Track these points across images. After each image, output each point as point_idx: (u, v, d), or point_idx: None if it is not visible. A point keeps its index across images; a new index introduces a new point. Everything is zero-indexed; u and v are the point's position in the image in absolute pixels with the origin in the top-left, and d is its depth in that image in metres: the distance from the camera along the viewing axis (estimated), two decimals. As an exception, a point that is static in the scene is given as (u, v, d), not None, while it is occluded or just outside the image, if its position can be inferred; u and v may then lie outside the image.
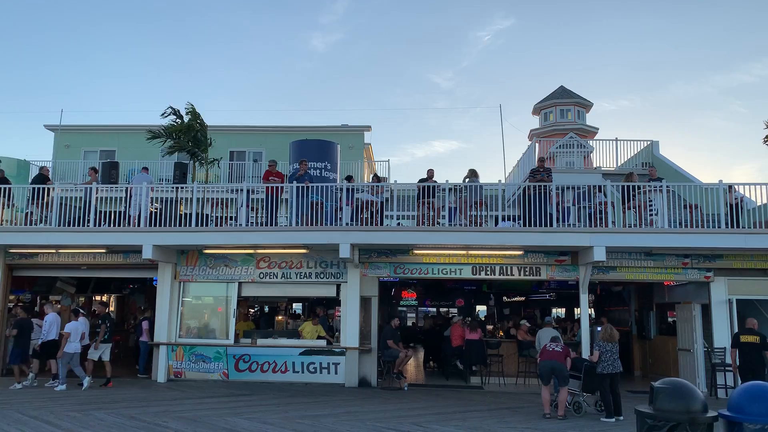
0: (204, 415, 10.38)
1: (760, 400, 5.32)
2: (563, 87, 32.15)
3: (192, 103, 17.92)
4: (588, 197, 14.39)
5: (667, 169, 20.69)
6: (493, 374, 15.44)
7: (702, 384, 14.27)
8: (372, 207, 14.69)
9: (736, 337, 12.28)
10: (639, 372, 18.26)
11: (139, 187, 15.05)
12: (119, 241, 14.64)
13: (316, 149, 17.32)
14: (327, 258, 15.16)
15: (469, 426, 9.94)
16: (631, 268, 14.68)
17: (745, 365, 11.85)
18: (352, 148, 24.87)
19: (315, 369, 14.83)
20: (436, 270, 15.06)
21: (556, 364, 10.85)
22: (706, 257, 14.41)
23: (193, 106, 17.94)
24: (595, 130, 30.65)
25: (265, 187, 15.06)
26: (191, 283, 15.69)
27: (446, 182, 14.62)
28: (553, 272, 14.87)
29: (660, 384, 5.88)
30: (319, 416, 10.52)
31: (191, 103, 17.90)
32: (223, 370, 14.96)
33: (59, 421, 9.79)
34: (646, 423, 5.74)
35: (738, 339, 12.18)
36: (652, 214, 14.16)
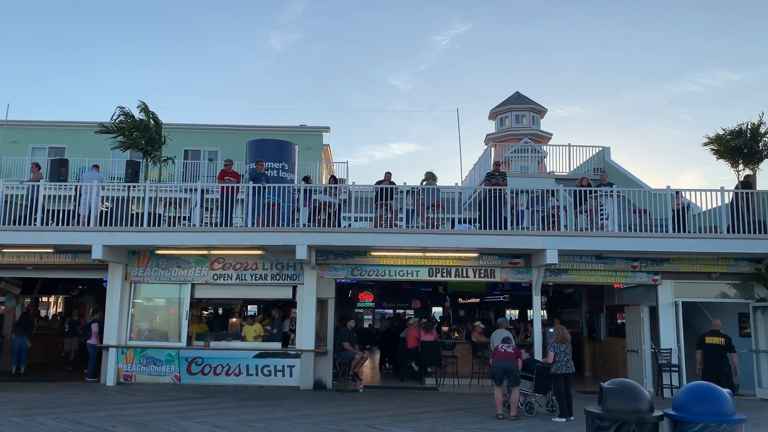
0: (154, 420, 10.16)
1: (704, 400, 5.51)
2: (519, 93, 32.65)
3: (144, 102, 17.52)
4: (541, 201, 14.66)
5: (617, 175, 21.24)
6: (448, 375, 15.57)
7: (649, 384, 14.69)
8: (330, 208, 14.64)
9: (702, 339, 12.17)
10: (589, 373, 18.69)
11: (90, 185, 14.64)
12: (68, 240, 14.22)
13: (273, 149, 17.16)
14: (283, 259, 15.04)
15: (423, 427, 10.00)
16: (583, 270, 15.02)
17: (709, 367, 11.78)
18: (310, 148, 24.73)
19: (270, 372, 14.69)
20: (393, 272, 15.11)
21: (507, 365, 11.01)
22: (654, 261, 14.85)
23: (145, 104, 17.54)
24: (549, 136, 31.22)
25: (220, 187, 14.85)
26: (143, 285, 15.35)
27: (404, 185, 14.69)
28: (507, 274, 15.09)
29: (609, 384, 6.03)
30: (272, 419, 10.42)
31: (143, 102, 17.50)
32: (175, 373, 14.68)
33: (3, 427, 9.43)
34: (595, 423, 5.87)
35: (703, 340, 12.09)
36: (603, 219, 14.51)
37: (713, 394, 5.56)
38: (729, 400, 5.56)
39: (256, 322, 16.11)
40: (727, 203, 14.19)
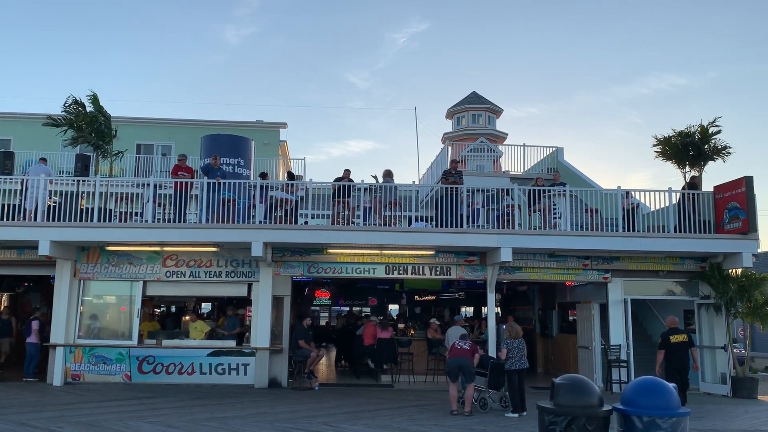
0: (103, 420, 9.90)
1: (650, 394, 5.68)
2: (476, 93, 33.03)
3: (95, 92, 17.00)
4: (496, 200, 14.86)
5: (570, 175, 21.68)
6: (404, 372, 15.65)
7: (599, 379, 15.07)
8: (286, 205, 14.52)
9: (666, 338, 12.06)
10: (542, 369, 19.05)
11: (37, 179, 14.17)
12: (12, 236, 13.73)
13: (229, 144, 16.89)
14: (238, 257, 14.85)
15: (379, 424, 10.03)
16: (536, 268, 15.29)
17: (674, 365, 11.78)
18: (267, 144, 24.50)
19: (224, 370, 14.49)
20: (349, 269, 15.09)
21: (463, 361, 11.13)
22: (605, 259, 15.23)
23: (95, 94, 17.02)
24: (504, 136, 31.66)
25: (173, 182, 14.57)
26: (92, 282, 14.94)
27: (362, 182, 14.68)
28: (462, 272, 15.25)
29: (560, 380, 6.16)
30: (226, 418, 10.29)
31: (94, 92, 16.96)
32: (126, 372, 14.35)
33: (-61, 430, 9.05)
34: (547, 418, 5.99)
35: (668, 340, 11.99)
36: (556, 218, 14.81)
37: (660, 389, 5.74)
38: (675, 394, 5.75)
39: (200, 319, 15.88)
40: (674, 203, 14.66)
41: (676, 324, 12.33)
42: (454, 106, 32.77)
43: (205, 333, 15.11)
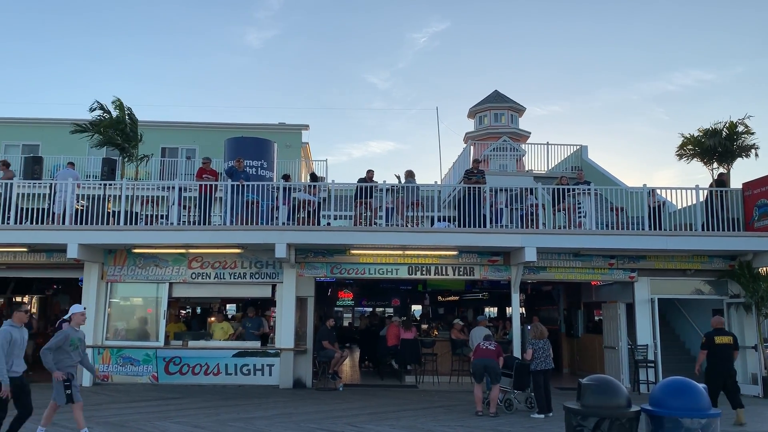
0: (131, 420, 10.04)
1: (680, 395, 5.59)
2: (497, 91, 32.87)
3: (119, 98, 17.32)
4: (520, 199, 14.76)
5: (594, 173, 21.46)
6: (428, 373, 15.61)
7: (626, 380, 14.88)
8: (309, 206, 14.59)
9: (711, 339, 10.97)
10: (567, 369, 18.87)
11: (65, 183, 14.42)
12: (42, 239, 13.98)
13: (252, 147, 17.04)
14: (262, 258, 14.95)
15: (403, 425, 10.02)
16: (560, 268, 15.15)
17: (717, 367, 10.70)
18: (289, 146, 24.65)
19: (249, 371, 14.60)
20: (372, 270, 15.10)
21: (488, 362, 11.07)
22: (631, 258, 15.03)
23: (120, 100, 17.32)
24: (527, 134, 31.46)
25: (198, 185, 14.72)
26: (119, 284, 15.16)
27: (384, 183, 14.69)
28: (486, 272, 15.17)
29: (587, 381, 6.09)
30: (252, 419, 10.36)
31: (118, 98, 17.29)
32: (153, 373, 14.52)
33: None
34: (573, 419, 5.93)
35: (713, 340, 10.91)
36: (581, 217, 14.66)
37: (689, 389, 5.65)
38: (705, 394, 5.66)
39: (225, 320, 16.02)
40: (701, 201, 14.43)
41: (722, 324, 11.41)
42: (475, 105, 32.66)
43: (230, 334, 15.25)
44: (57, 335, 8.16)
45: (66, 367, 8.06)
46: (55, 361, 7.96)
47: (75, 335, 8.24)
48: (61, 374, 7.96)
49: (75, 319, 8.37)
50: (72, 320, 8.35)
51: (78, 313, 8.42)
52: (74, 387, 8.15)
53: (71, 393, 8.07)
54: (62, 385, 7.99)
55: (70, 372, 8.11)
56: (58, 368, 7.98)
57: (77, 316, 8.39)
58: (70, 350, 8.12)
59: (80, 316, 8.45)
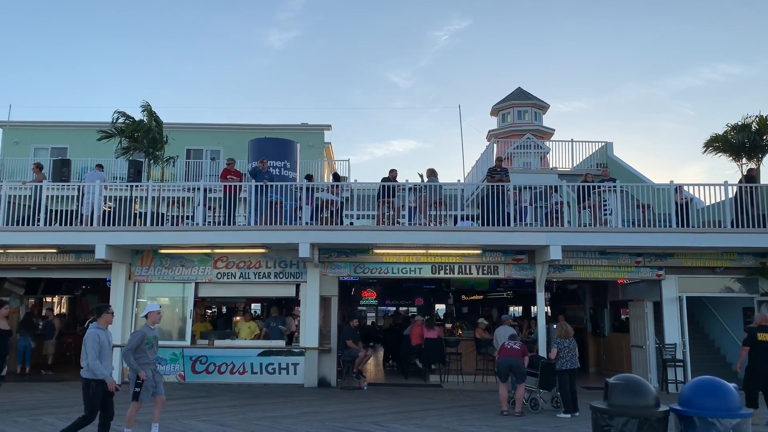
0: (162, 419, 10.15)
1: (710, 395, 5.49)
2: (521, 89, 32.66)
3: (148, 102, 17.60)
4: (544, 197, 14.64)
5: (620, 170, 21.20)
6: (452, 372, 15.57)
7: (654, 379, 14.67)
8: (332, 206, 14.63)
9: (753, 335, 10.33)
10: (594, 368, 18.67)
11: (92, 185, 14.65)
12: (71, 240, 14.23)
13: (275, 148, 17.17)
14: (286, 258, 15.04)
15: (428, 424, 10.00)
16: (586, 266, 15.00)
17: (757, 366, 10.09)
18: (312, 147, 24.76)
19: (274, 370, 14.70)
20: (395, 269, 15.10)
21: (513, 361, 11.00)
22: (658, 256, 14.82)
23: (149, 104, 17.60)
24: (551, 131, 31.21)
25: (223, 185, 14.85)
26: (146, 284, 15.36)
27: (406, 182, 14.67)
28: (510, 271, 15.08)
29: (614, 380, 6.02)
30: (277, 417, 10.43)
31: (147, 102, 17.58)
32: (180, 372, 14.70)
33: (6, 427, 9.46)
34: (600, 418, 5.86)
35: (755, 337, 10.26)
36: (606, 214, 14.49)
37: (720, 389, 5.55)
38: (736, 394, 5.55)
39: (251, 320, 16.14)
40: (730, 197, 14.16)
41: (767, 321, 10.63)
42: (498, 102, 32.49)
43: (255, 334, 15.37)
44: (134, 335, 8.22)
45: (142, 365, 8.12)
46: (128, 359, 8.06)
47: (150, 333, 8.26)
48: (145, 373, 7.97)
49: (151, 317, 8.35)
50: (148, 318, 8.34)
51: (154, 311, 8.38)
52: (144, 388, 8.17)
53: (139, 392, 8.12)
54: (135, 383, 8.04)
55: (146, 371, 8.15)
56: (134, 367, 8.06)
57: (153, 314, 8.36)
58: (146, 349, 8.16)
59: (156, 314, 8.40)
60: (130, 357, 8.00)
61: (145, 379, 8.08)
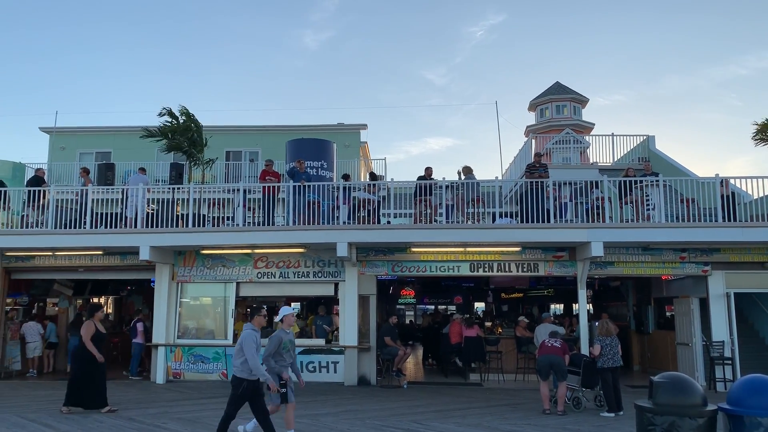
0: (203, 416, 10.36)
1: (760, 394, 5.32)
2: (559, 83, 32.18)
3: (185, 106, 17.97)
4: (585, 193, 14.41)
5: (663, 164, 20.72)
6: (492, 371, 15.45)
7: (701, 378, 14.30)
8: (369, 205, 14.67)
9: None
10: (638, 366, 18.31)
11: (136, 188, 15.01)
12: (116, 242, 14.60)
13: (312, 148, 17.31)
14: (325, 257, 15.15)
15: (469, 423, 9.94)
16: (629, 263, 14.71)
17: None
18: (348, 146, 24.85)
19: (314, 368, 14.83)
20: (433, 267, 15.06)
21: (554, 359, 10.86)
22: (704, 251, 14.43)
23: (186, 108, 17.96)
24: (591, 126, 30.68)
25: (261, 186, 15.04)
26: (189, 284, 15.66)
27: (443, 179, 14.61)
28: (551, 268, 14.88)
29: (659, 378, 5.88)
30: (318, 415, 10.51)
31: (184, 106, 17.94)
32: (222, 370, 14.94)
33: (58, 423, 9.76)
34: (645, 417, 5.73)
35: None
36: (649, 209, 14.17)
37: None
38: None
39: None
40: (780, 190, 13.68)
41: None
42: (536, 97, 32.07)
43: (295, 333, 15.52)
44: (271, 340, 8.12)
45: (280, 368, 8.13)
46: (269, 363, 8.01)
47: (286, 337, 8.21)
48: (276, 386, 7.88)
49: (286, 320, 8.30)
50: (283, 322, 8.31)
51: (289, 314, 8.35)
52: (289, 388, 8.20)
53: (286, 392, 8.12)
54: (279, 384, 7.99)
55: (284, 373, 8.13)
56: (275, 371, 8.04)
57: (288, 317, 8.32)
58: (283, 352, 8.15)
59: (291, 317, 8.37)
60: (270, 361, 7.96)
61: (288, 380, 8.05)
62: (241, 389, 7.61)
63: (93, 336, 10.68)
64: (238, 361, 7.65)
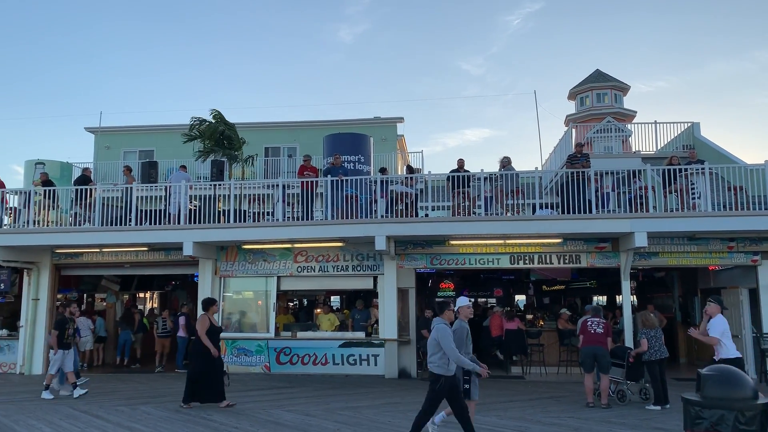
0: (247, 408, 10.54)
1: (815, 386, 5.14)
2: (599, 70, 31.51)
3: (217, 110, 18.32)
4: (628, 182, 14.11)
5: (709, 151, 20.14)
6: (534, 364, 15.30)
7: (751, 370, 13.88)
8: (407, 198, 14.65)
9: None
10: (684, 359, 17.90)
11: (178, 185, 15.31)
12: (160, 239, 14.93)
13: (349, 143, 17.37)
14: (363, 251, 15.21)
15: (511, 416, 9.87)
16: (674, 253, 14.36)
17: None
18: (385, 140, 24.85)
19: (355, 361, 14.93)
20: (473, 260, 14.97)
21: (598, 350, 10.70)
22: (753, 240, 13.98)
23: (218, 111, 18.29)
24: (633, 114, 29.98)
25: (300, 181, 15.18)
26: (231, 279, 15.92)
27: (481, 171, 14.49)
28: (593, 260, 14.64)
29: (708, 371, 5.73)
30: (359, 408, 10.58)
31: (217, 110, 18.28)
32: (265, 363, 15.17)
33: (108, 415, 10.06)
34: (693, 411, 5.59)
35: None
36: (695, 198, 13.80)
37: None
38: None
39: (331, 312, 16.43)
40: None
41: None
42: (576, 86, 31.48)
43: (335, 325, 15.66)
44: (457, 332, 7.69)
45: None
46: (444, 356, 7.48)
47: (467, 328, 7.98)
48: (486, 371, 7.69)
49: (462, 311, 8.07)
50: (460, 313, 8.06)
51: (465, 306, 8.18)
52: (473, 383, 8.01)
53: (469, 388, 7.95)
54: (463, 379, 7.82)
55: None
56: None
57: (464, 309, 8.12)
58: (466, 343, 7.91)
59: (467, 308, 8.19)
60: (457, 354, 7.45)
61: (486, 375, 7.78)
62: (438, 386, 7.38)
63: (208, 330, 10.69)
64: (435, 357, 7.41)
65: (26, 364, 15.91)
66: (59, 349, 11.92)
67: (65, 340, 12.02)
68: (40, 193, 15.54)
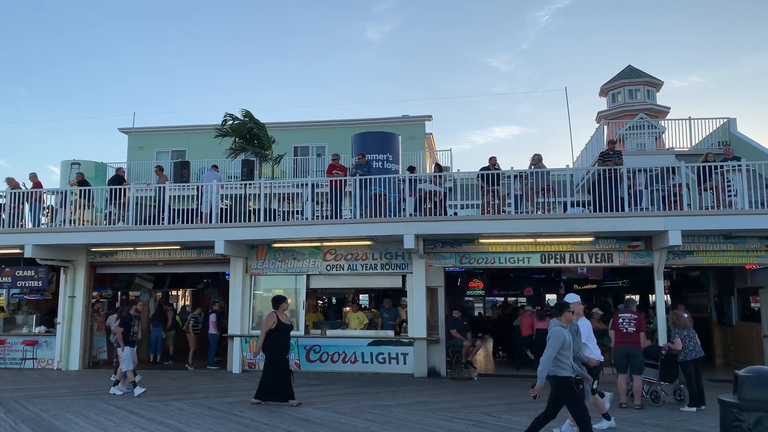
0: (278, 405, 10.61)
1: None
2: (631, 66, 30.99)
3: (247, 109, 18.51)
4: (661, 180, 13.85)
5: (746, 147, 19.66)
6: (565, 363, 15.09)
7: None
8: (435, 197, 14.61)
9: None
10: (720, 360, 17.51)
11: (210, 184, 15.50)
12: (192, 237, 15.14)
13: (377, 141, 17.40)
14: (392, 249, 15.22)
15: (542, 416, 9.75)
16: (710, 251, 14.06)
17: None
18: (413, 138, 24.82)
19: (384, 359, 14.94)
20: (502, 259, 14.86)
21: (631, 350, 10.54)
22: (792, 239, 13.61)
23: (248, 111, 18.50)
24: (666, 110, 29.42)
25: (329, 180, 15.24)
26: (262, 277, 16.08)
27: (511, 169, 14.37)
28: (626, 258, 14.41)
29: (745, 372, 5.60)
30: (389, 406, 10.59)
31: (246, 110, 18.48)
32: (295, 360, 15.28)
33: (142, 410, 10.25)
34: (730, 413, 5.48)
35: None
36: (731, 195, 13.49)
37: None
38: None
39: (360, 310, 16.47)
40: None
41: None
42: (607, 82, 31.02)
43: (364, 324, 15.70)
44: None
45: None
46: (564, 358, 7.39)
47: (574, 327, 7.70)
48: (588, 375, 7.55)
49: (575, 308, 7.74)
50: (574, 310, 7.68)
51: (577, 302, 7.88)
52: (586, 383, 7.79)
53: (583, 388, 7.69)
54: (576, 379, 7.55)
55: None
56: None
57: (576, 305, 7.86)
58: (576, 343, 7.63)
59: (579, 305, 7.89)
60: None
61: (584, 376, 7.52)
62: (565, 388, 7.30)
63: (276, 328, 10.63)
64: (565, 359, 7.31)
65: (63, 360, 16.29)
66: (125, 346, 12.17)
67: (130, 338, 12.30)
68: (76, 193, 15.90)
